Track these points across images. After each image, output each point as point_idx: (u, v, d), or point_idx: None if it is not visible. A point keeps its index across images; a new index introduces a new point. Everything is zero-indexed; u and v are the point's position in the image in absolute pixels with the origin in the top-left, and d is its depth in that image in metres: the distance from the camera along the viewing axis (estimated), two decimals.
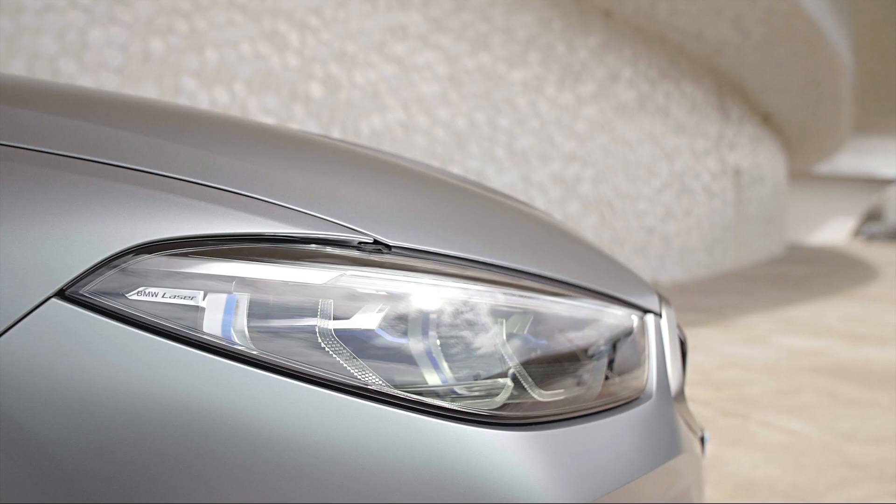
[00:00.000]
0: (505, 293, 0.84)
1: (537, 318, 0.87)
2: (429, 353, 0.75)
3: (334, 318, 0.70)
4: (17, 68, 5.11)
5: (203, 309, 0.67)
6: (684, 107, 13.54)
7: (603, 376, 0.96)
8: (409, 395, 0.71)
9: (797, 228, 32.15)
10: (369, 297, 0.73)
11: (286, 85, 6.86)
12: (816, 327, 7.08)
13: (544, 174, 9.71)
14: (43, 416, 0.61)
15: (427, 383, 0.74)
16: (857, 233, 37.70)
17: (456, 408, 0.73)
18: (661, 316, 1.18)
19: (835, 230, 36.89)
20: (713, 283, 11.95)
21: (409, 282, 0.76)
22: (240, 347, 0.66)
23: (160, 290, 0.66)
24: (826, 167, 32.14)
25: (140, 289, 0.66)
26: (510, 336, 0.83)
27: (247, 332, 0.67)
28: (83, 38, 5.54)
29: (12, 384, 0.61)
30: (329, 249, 0.73)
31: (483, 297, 0.81)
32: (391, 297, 0.74)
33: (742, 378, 4.65)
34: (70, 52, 5.45)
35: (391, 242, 0.77)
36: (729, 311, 8.07)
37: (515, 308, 0.85)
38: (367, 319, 0.72)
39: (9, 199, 0.65)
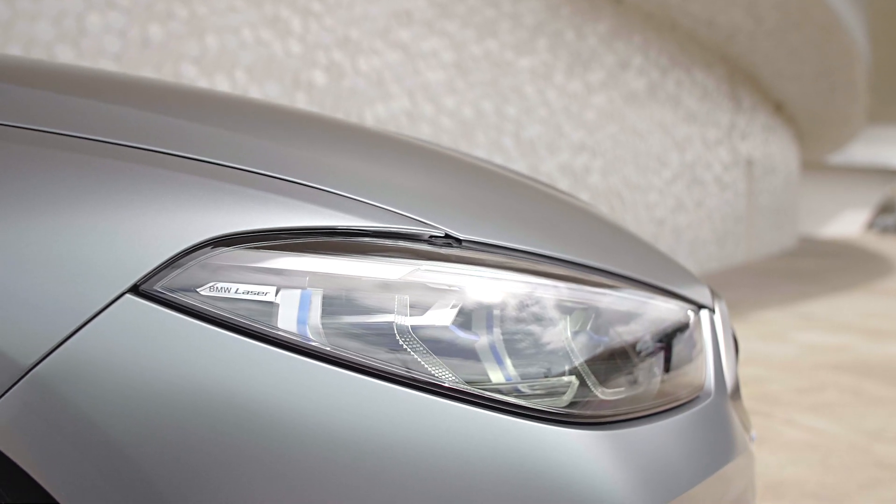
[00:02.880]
0: (570, 288, 0.84)
1: (599, 314, 0.87)
2: (499, 350, 0.75)
3: (411, 314, 0.70)
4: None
5: (277, 304, 0.67)
6: (695, 95, 13.51)
7: (661, 374, 0.96)
8: (486, 392, 0.71)
9: (809, 220, 32.15)
10: (443, 293, 0.73)
11: (289, 72, 6.84)
12: (835, 323, 7.08)
13: (552, 164, 9.70)
14: (119, 417, 0.61)
15: (498, 380, 0.74)
16: (871, 225, 37.71)
17: (534, 406, 0.73)
18: (714, 311, 1.18)
19: (848, 222, 36.89)
20: (725, 277, 11.96)
21: (480, 276, 0.76)
22: (315, 344, 0.66)
23: (234, 285, 0.66)
24: (839, 157, 32.11)
25: (214, 284, 0.66)
26: (574, 332, 0.83)
27: (321, 328, 0.67)
28: (80, 23, 5.52)
29: (87, 383, 0.61)
30: (402, 243, 0.73)
31: (551, 291, 0.81)
32: (464, 292, 0.74)
33: (762, 375, 4.66)
34: (67, 38, 5.43)
35: (461, 236, 0.77)
36: (743, 306, 8.08)
37: (579, 303, 0.85)
38: (442, 315, 0.72)
39: (81, 192, 0.65)
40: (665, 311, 1.00)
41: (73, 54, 5.48)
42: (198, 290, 0.65)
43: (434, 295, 0.72)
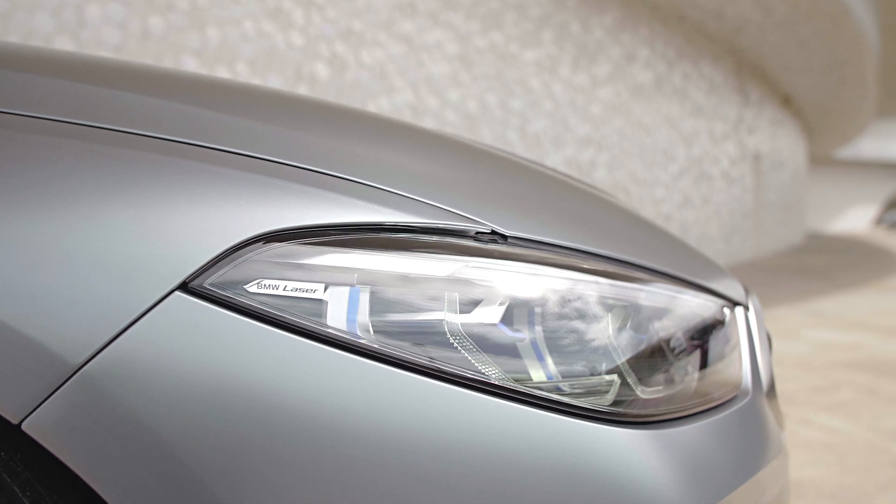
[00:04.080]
0: (612, 284, 0.84)
1: (639, 311, 0.87)
2: (545, 347, 0.75)
3: (460, 312, 0.70)
4: None
5: (326, 301, 0.67)
6: (703, 88, 13.49)
7: (697, 372, 0.96)
8: (535, 391, 0.71)
9: (816, 216, 32.13)
10: (491, 290, 0.73)
11: (291, 65, 6.83)
12: (846, 320, 7.08)
13: (558, 159, 9.70)
14: (169, 416, 0.61)
15: (543, 378, 0.74)
16: (880, 221, 37.68)
17: (584, 405, 0.73)
18: (747, 308, 1.18)
19: (856, 218, 36.87)
20: (733, 274, 11.94)
21: (526, 273, 0.76)
22: (363, 341, 0.66)
23: (282, 282, 0.66)
24: (847, 152, 32.08)
25: (262, 280, 0.66)
26: (616, 329, 0.83)
27: (370, 325, 0.67)
28: (80, 15, 5.51)
29: (137, 382, 0.61)
30: (448, 240, 0.73)
31: (594, 288, 0.81)
32: (511, 289, 0.74)
33: (776, 374, 4.66)
34: (66, 30, 5.43)
35: (507, 232, 0.77)
36: None
37: (621, 300, 0.85)
38: (490, 312, 0.72)
39: (128, 187, 0.65)
40: (702, 308, 1.00)
41: (73, 46, 5.48)
42: (246, 286, 0.65)
43: (482, 292, 0.72)
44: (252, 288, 0.65)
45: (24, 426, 0.61)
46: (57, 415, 0.61)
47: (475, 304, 0.71)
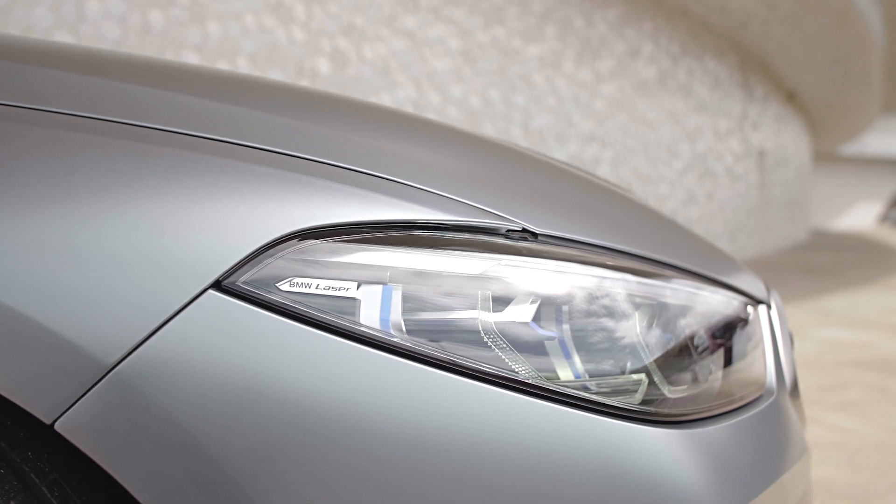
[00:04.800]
0: (640, 283, 0.85)
1: (667, 309, 0.87)
2: (576, 346, 0.75)
3: (493, 310, 0.70)
4: None
5: (359, 300, 0.67)
6: (707, 84, 13.49)
7: (722, 371, 0.96)
8: (569, 390, 0.71)
9: (821, 213, 32.12)
10: (523, 288, 0.73)
11: (292, 60, 6.83)
12: (854, 319, 7.08)
13: (562, 155, 9.69)
14: (203, 416, 0.61)
15: (573, 377, 0.74)
16: (885, 218, 37.65)
17: (616, 404, 0.73)
18: (770, 306, 1.18)
19: (861, 215, 36.85)
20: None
21: (558, 271, 0.76)
22: (396, 340, 0.66)
23: (315, 280, 0.66)
24: (852, 148, 32.05)
25: (295, 279, 0.66)
26: (645, 328, 0.83)
27: (402, 324, 0.67)
28: (79, 9, 5.51)
29: (170, 382, 0.61)
30: (480, 237, 0.73)
31: (624, 286, 0.82)
32: (542, 288, 0.74)
33: None
34: (66, 25, 5.42)
35: (537, 230, 0.77)
36: None
37: (649, 298, 0.85)
38: (522, 311, 0.72)
39: (158, 183, 0.65)
40: (727, 306, 1.00)
41: (72, 41, 5.47)
42: (279, 285, 0.65)
43: (514, 290, 0.72)
44: (284, 286, 0.65)
45: (56, 426, 0.61)
46: (90, 415, 0.61)
47: (507, 302, 0.71)
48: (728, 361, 0.97)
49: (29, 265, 0.60)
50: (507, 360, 0.69)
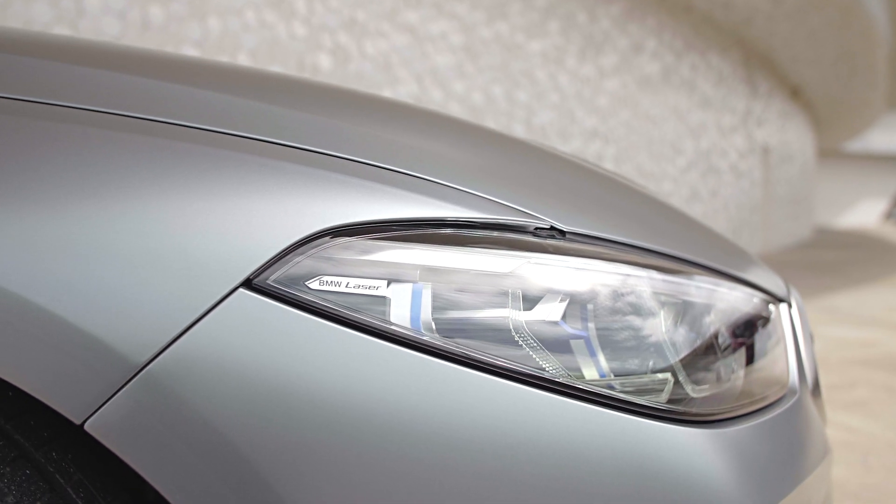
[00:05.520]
0: (666, 281, 0.85)
1: (692, 307, 0.87)
2: (605, 344, 0.75)
3: (524, 309, 0.70)
4: None
5: (389, 298, 0.67)
6: (711, 80, 13.48)
7: (744, 369, 0.96)
8: (599, 389, 0.71)
9: (825, 210, 32.12)
10: (552, 286, 0.73)
11: (293, 56, 6.82)
12: (861, 317, 7.09)
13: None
14: (234, 416, 0.61)
15: (605, 376, 0.74)
16: (889, 215, 37.66)
17: (647, 403, 0.73)
18: (790, 304, 1.18)
19: (865, 212, 36.84)
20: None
21: (586, 269, 0.76)
22: (426, 338, 0.66)
23: (344, 279, 0.66)
24: (857, 145, 32.05)
25: (325, 277, 0.66)
26: (671, 326, 0.83)
27: (433, 322, 0.67)
28: (79, 4, 5.50)
29: (201, 381, 0.61)
30: (508, 235, 0.73)
31: (651, 284, 0.82)
32: (570, 286, 0.74)
33: None
34: (65, 20, 5.42)
35: (565, 228, 0.77)
36: None
37: (675, 297, 0.85)
38: (551, 309, 0.72)
39: (186, 181, 0.65)
40: (749, 304, 1.00)
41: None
42: (309, 283, 0.65)
43: (544, 288, 0.72)
44: (314, 284, 0.65)
45: (86, 426, 0.61)
46: (120, 415, 0.61)
47: (536, 300, 0.71)
48: (750, 360, 0.97)
49: (58, 264, 0.60)
50: (537, 359, 0.69)
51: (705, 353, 0.88)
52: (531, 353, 0.69)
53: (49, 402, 0.61)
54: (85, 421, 0.61)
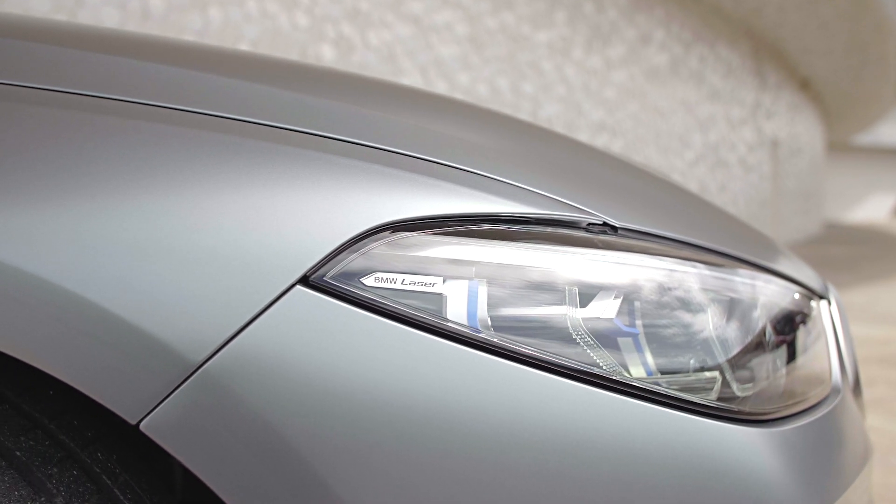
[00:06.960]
0: (716, 277, 0.85)
1: (739, 304, 0.87)
2: (658, 342, 0.75)
3: (580, 305, 0.70)
4: None
5: (445, 295, 0.67)
6: (719, 72, 13.47)
7: (786, 368, 0.96)
8: (657, 387, 0.71)
9: (834, 205, 32.08)
10: (606, 283, 0.73)
11: (295, 46, 6.81)
12: (875, 314, 7.08)
13: None
14: (293, 416, 0.61)
15: (657, 374, 0.74)
16: None
17: (703, 402, 0.73)
18: (830, 301, 1.18)
19: (875, 207, 36.80)
20: None
21: (639, 266, 0.76)
22: (483, 336, 0.66)
23: (401, 275, 0.66)
24: (867, 138, 32.01)
25: (381, 273, 0.66)
26: (720, 323, 0.83)
27: (489, 319, 0.67)
28: None
29: (259, 380, 0.61)
30: (561, 231, 0.73)
31: (700, 281, 0.82)
32: (624, 282, 0.74)
33: None
34: (64, 10, 5.41)
35: (617, 224, 0.77)
36: None
37: (724, 293, 0.85)
38: (606, 306, 0.72)
39: (241, 176, 0.64)
40: (792, 301, 1.00)
41: None
42: (365, 280, 0.65)
43: (599, 285, 0.72)
44: (370, 281, 0.65)
45: (142, 426, 0.61)
46: (177, 414, 0.61)
47: (591, 297, 0.71)
48: (792, 357, 0.97)
49: (113, 260, 0.60)
50: (593, 357, 0.69)
51: (751, 351, 0.89)
52: (588, 350, 0.69)
53: (104, 401, 0.61)
54: (140, 421, 0.61)
